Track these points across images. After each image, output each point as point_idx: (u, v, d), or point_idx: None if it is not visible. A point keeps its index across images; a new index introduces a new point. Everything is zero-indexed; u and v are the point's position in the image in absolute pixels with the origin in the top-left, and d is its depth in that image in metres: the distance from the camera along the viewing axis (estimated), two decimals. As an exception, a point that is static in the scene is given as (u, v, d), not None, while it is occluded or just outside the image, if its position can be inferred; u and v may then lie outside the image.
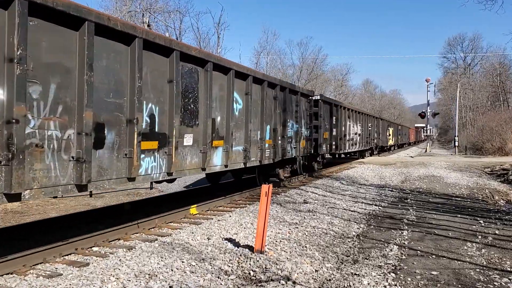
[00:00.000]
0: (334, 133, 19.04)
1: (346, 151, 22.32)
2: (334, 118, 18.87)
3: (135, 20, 31.66)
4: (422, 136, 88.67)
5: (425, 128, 51.71)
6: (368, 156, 29.64)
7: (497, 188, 15.36)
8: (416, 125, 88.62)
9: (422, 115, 39.43)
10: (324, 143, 17.25)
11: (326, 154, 19.07)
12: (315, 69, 62.39)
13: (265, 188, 6.43)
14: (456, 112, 46.50)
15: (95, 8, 5.96)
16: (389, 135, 39.23)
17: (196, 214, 9.37)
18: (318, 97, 16.88)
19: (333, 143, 18.85)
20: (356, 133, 23.89)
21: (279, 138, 12.34)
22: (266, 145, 11.41)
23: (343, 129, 20.85)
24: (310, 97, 15.55)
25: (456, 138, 41.10)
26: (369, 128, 27.93)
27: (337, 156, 24.67)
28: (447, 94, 75.00)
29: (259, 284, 5.11)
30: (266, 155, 11.41)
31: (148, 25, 30.83)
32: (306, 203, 10.95)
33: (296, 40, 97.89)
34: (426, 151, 41.87)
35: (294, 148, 13.70)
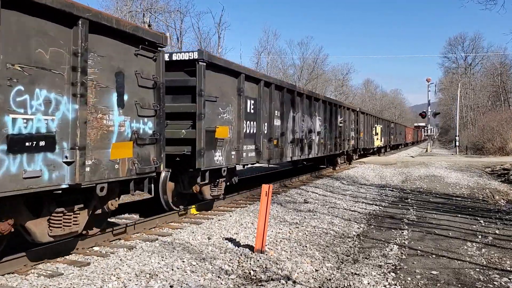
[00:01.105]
0: (251, 129, 10.58)
1: (287, 159, 13.43)
2: (250, 102, 10.51)
3: (136, 20, 31.67)
4: (422, 136, 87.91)
5: (425, 128, 51.66)
6: (343, 163, 22.39)
7: (498, 188, 15.35)
8: (415, 124, 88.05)
9: (423, 115, 39.47)
10: (215, 147, 8.90)
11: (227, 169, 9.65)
12: (316, 68, 62.40)
13: (265, 188, 6.45)
14: (457, 112, 46.48)
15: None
16: (376, 134, 31.11)
17: (196, 214, 9.39)
18: (196, 55, 8.41)
19: (246, 147, 10.19)
20: (312, 131, 15.54)
21: None
22: None
23: (278, 123, 12.24)
24: (158, 48, 6.95)
25: (457, 138, 41.07)
26: (340, 125, 19.75)
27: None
28: (448, 94, 74.92)
29: (260, 284, 5.12)
30: None
31: (149, 25, 30.81)
32: (307, 203, 10.96)
33: (296, 39, 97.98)
34: (426, 151, 41.84)
35: (80, 166, 5.43)
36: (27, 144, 4.85)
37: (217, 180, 9.50)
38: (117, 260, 5.79)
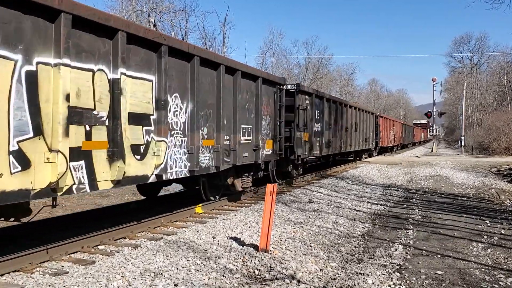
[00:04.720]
0: None
1: None
2: None
3: (141, 19, 31.76)
4: (423, 136, 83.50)
5: (430, 127, 51.35)
6: None
7: (504, 188, 15.26)
8: (414, 121, 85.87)
9: (429, 115, 39.37)
10: None
11: None
12: (321, 68, 62.31)
13: (270, 187, 6.44)
14: (463, 112, 46.25)
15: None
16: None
17: (201, 213, 9.40)
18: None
19: None
20: None
21: None
22: None
23: None
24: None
25: (463, 137, 40.88)
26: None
27: None
28: (453, 93, 74.59)
29: (264, 283, 5.13)
30: None
31: (154, 25, 30.93)
32: (311, 202, 10.95)
33: (302, 39, 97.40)
34: (432, 150, 41.70)
35: None
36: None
37: None
38: (122, 259, 5.81)
